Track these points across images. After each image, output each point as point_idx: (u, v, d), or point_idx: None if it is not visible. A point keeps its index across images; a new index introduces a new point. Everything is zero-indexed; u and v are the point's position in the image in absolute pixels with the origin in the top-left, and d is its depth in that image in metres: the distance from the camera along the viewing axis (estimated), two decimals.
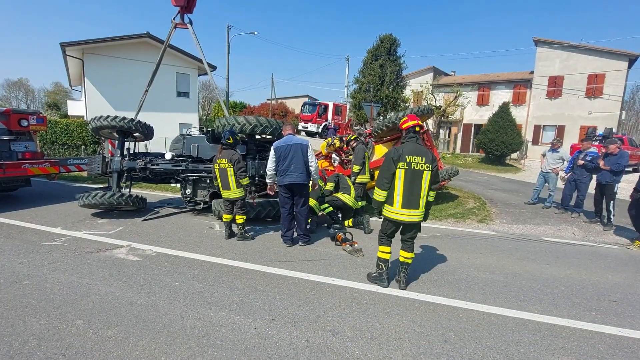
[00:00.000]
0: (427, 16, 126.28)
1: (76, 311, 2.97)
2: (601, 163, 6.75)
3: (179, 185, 8.60)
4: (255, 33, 25.35)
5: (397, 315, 3.10)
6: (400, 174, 3.39)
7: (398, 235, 3.72)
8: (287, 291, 3.50)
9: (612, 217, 6.77)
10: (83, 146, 14.03)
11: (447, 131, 28.83)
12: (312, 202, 5.68)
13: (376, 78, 21.07)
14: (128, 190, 6.86)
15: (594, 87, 21.87)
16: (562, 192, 7.92)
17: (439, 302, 3.41)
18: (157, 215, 6.51)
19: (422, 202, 3.46)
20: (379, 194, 3.53)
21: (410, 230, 3.59)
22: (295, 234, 5.12)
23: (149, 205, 7.17)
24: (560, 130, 23.64)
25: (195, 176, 6.52)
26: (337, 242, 5.11)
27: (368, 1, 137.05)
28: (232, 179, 5.09)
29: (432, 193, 3.53)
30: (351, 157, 8.44)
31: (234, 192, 5.14)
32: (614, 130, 18.72)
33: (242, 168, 5.07)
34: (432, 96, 19.99)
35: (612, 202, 6.76)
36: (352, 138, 6.81)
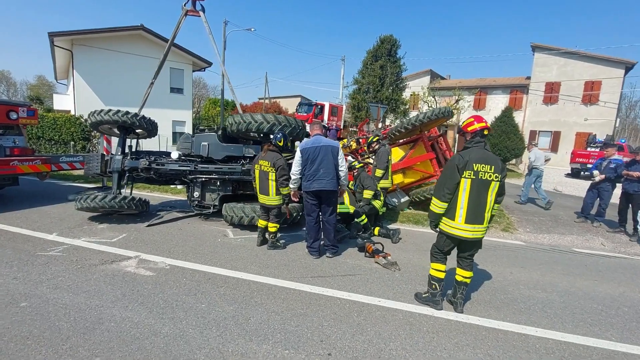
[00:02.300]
0: (423, 18, 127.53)
1: (90, 344, 2.45)
2: (635, 172, 6.50)
3: (179, 186, 8.07)
4: (253, 30, 24.77)
5: (468, 348, 2.68)
6: (465, 185, 2.98)
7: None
8: (332, 315, 3.05)
9: (638, 227, 6.55)
10: (72, 142, 13.20)
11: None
12: (351, 208, 5.31)
13: (376, 79, 20.77)
14: (130, 192, 6.29)
15: (591, 93, 22.13)
16: (584, 200, 7.70)
17: (506, 328, 3.02)
18: (162, 220, 5.94)
19: (487, 216, 3.06)
20: (437, 206, 3.11)
21: (471, 247, 3.19)
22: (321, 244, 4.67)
23: (149, 209, 6.58)
24: (556, 136, 23.86)
25: (205, 178, 5.98)
26: (368, 254, 4.68)
27: (363, 2, 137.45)
28: (272, 185, 4.62)
29: (496, 206, 3.14)
30: (367, 159, 8.06)
31: (271, 199, 4.67)
32: (599, 138, 18.91)
33: (285, 176, 4.59)
34: (433, 99, 19.81)
35: (639, 211, 6.55)
36: (374, 140, 6.40)
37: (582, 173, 16.21)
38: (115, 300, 3.09)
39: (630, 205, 6.71)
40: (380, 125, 13.63)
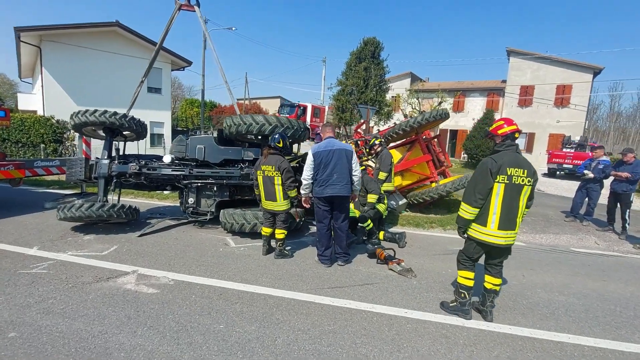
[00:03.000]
0: (401, 22, 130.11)
1: None
2: (623, 173, 6.72)
3: (165, 192, 7.61)
4: (233, 29, 24.19)
5: None
6: (498, 189, 2.88)
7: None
8: (362, 331, 2.86)
9: (627, 225, 6.79)
10: (42, 145, 12.26)
11: None
12: (357, 213, 5.12)
13: (360, 81, 20.80)
14: (117, 199, 5.82)
15: (562, 97, 23.21)
16: (573, 200, 7.92)
17: (540, 336, 2.94)
18: (154, 229, 5.53)
19: (519, 222, 2.97)
20: (468, 212, 2.99)
21: (502, 254, 3.09)
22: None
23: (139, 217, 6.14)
24: (530, 138, 24.83)
25: (201, 183, 5.63)
26: (380, 261, 4.52)
27: (342, 6, 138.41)
28: (278, 189, 4.36)
29: (526, 211, 3.06)
30: (367, 161, 7.93)
31: (279, 205, 4.40)
32: (574, 138, 19.88)
33: (291, 178, 4.35)
34: (417, 101, 20.07)
35: (627, 210, 6.78)
36: (376, 142, 6.26)
37: (557, 173, 16.92)
38: (120, 325, 2.75)
39: (618, 205, 6.95)
40: (363, 127, 13.56)
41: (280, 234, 4.51)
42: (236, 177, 5.63)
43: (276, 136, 4.55)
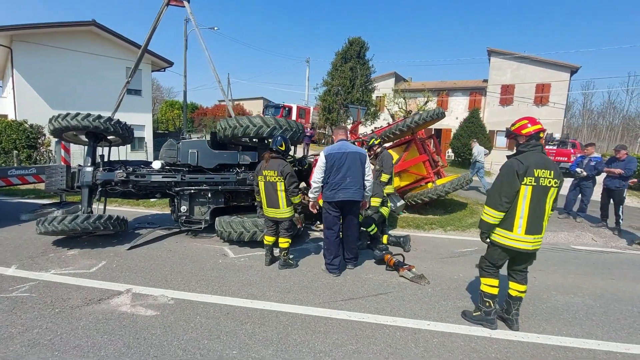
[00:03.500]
0: (385, 22, 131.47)
1: None
2: (616, 170, 6.81)
3: (151, 199, 7.19)
4: (216, 29, 23.63)
5: None
6: (525, 192, 2.74)
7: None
8: (388, 349, 2.65)
9: (621, 221, 6.89)
10: (15, 151, 11.48)
11: None
12: (360, 217, 4.92)
13: (347, 81, 20.71)
14: (103, 209, 5.41)
15: (542, 95, 23.86)
16: (566, 197, 7.99)
17: (570, 344, 2.81)
18: (144, 240, 5.15)
19: (545, 225, 2.84)
20: (492, 216, 2.84)
21: (528, 259, 2.96)
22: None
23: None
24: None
25: (194, 189, 5.29)
26: (389, 267, 4.34)
27: (324, 7, 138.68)
28: (282, 195, 4.10)
29: (550, 214, 2.93)
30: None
31: (282, 212, 4.15)
32: (555, 135, 20.53)
33: (295, 183, 4.11)
34: (403, 100, 20.15)
35: (621, 206, 6.89)
36: (375, 142, 6.09)
37: None
38: (120, 356, 2.43)
39: (611, 201, 7.05)
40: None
41: (284, 242, 4.26)
42: (232, 182, 5.33)
43: (278, 139, 4.30)
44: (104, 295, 3.36)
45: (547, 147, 17.46)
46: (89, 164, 5.14)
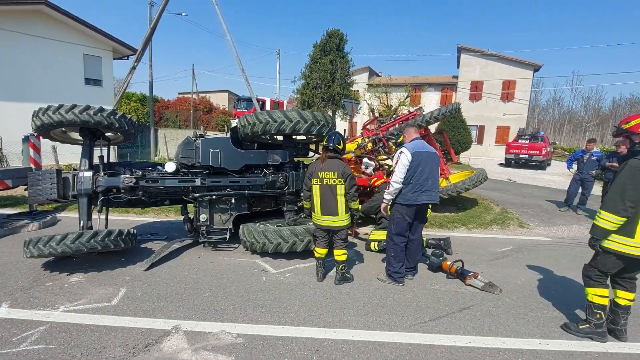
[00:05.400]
0: (357, 16, 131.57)
1: None
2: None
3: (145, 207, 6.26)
4: (184, 14, 21.87)
5: None
6: None
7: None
8: None
9: None
10: None
11: None
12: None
13: (327, 74, 20.21)
14: (105, 222, 4.51)
15: (508, 92, 25.12)
16: (568, 191, 8.25)
17: None
18: (159, 256, 4.35)
19: None
20: (612, 222, 2.59)
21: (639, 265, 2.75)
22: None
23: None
24: (480, 130, 26.57)
25: (216, 195, 4.58)
26: (451, 275, 4.02)
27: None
28: (341, 200, 3.57)
29: None
30: (383, 160, 7.38)
31: (340, 219, 3.62)
32: (526, 129, 21.74)
33: (355, 186, 3.59)
34: (385, 95, 20.10)
35: None
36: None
37: (512, 162, 18.14)
38: None
39: None
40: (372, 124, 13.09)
41: (341, 255, 3.75)
42: (260, 186, 4.70)
43: (334, 136, 3.75)
44: (149, 338, 2.66)
45: (520, 141, 18.35)
46: (87, 168, 4.23)
